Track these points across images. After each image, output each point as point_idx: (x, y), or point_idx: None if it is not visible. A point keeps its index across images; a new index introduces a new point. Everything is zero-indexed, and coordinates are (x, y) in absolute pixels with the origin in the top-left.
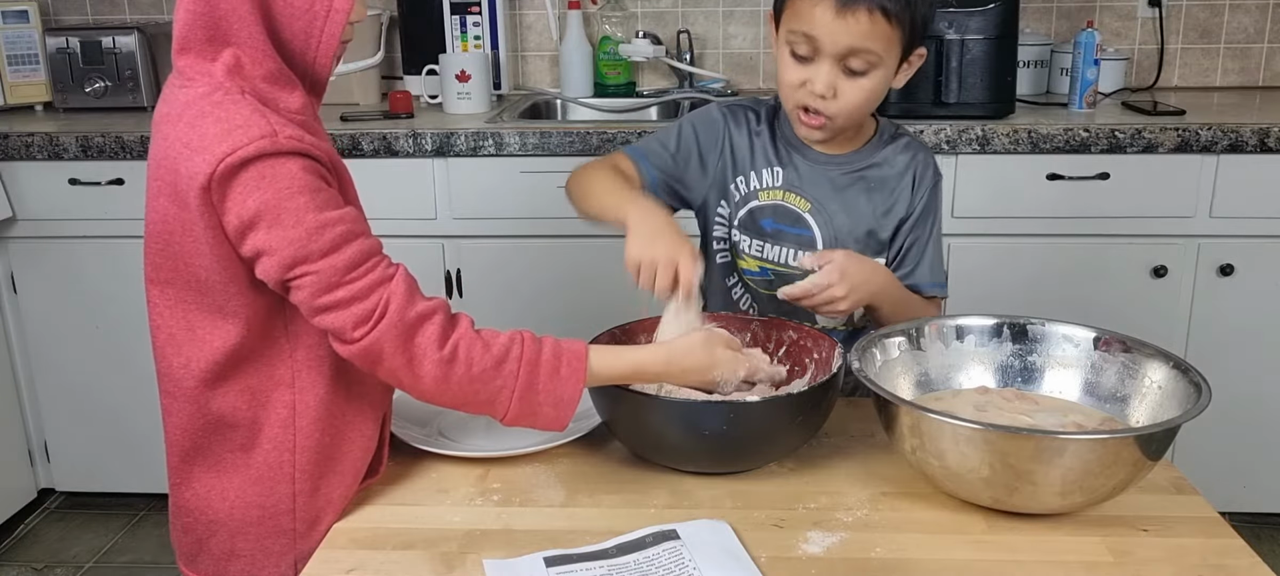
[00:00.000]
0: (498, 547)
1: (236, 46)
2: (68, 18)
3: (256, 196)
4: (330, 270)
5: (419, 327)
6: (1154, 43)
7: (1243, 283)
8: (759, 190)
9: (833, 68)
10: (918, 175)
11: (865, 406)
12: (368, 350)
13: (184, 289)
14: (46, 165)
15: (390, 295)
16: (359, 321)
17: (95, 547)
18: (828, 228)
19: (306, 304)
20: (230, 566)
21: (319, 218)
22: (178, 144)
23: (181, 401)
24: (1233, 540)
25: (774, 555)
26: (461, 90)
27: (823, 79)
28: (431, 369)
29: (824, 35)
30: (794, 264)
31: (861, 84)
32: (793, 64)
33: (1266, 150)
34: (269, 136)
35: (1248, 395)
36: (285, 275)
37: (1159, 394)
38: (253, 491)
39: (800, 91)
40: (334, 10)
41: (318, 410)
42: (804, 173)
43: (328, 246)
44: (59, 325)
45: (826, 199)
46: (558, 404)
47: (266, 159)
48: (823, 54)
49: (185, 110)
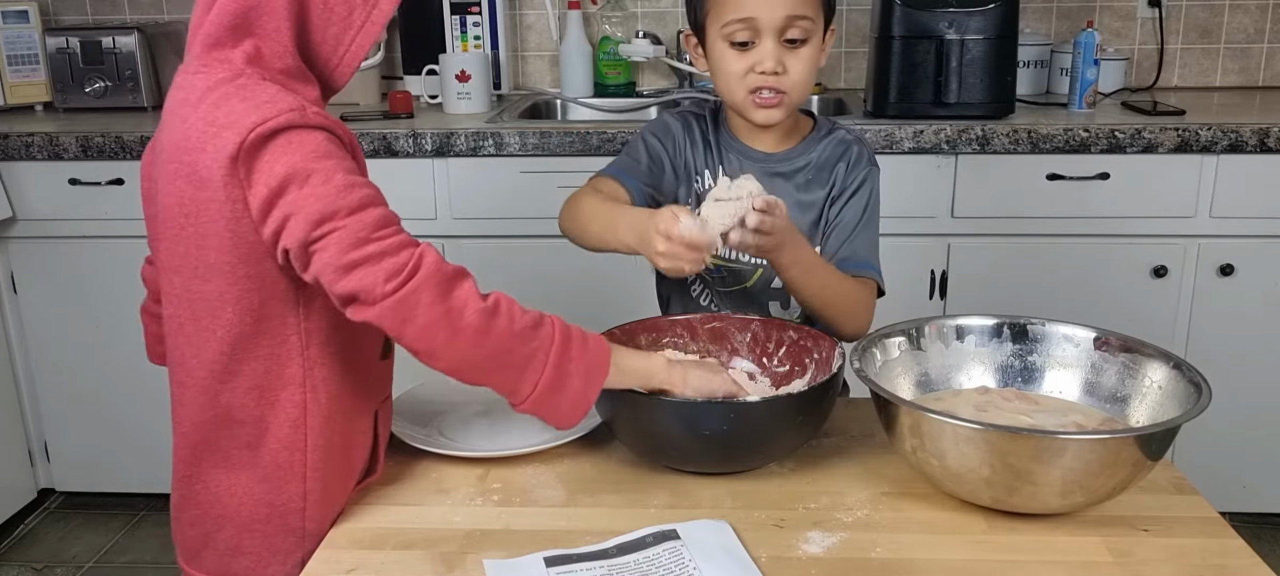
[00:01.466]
0: (498, 547)
1: (258, 38)
2: (68, 18)
3: (284, 161)
4: (359, 225)
5: (458, 281)
6: (1154, 43)
7: (1243, 282)
8: (704, 192)
9: (776, 44)
10: (851, 160)
11: (865, 406)
12: (403, 303)
13: (191, 276)
14: (46, 165)
15: (422, 253)
16: (391, 274)
17: (95, 547)
18: None
19: (333, 264)
20: (235, 563)
21: (347, 178)
22: (200, 124)
23: (192, 392)
24: (1233, 540)
25: (774, 555)
26: (461, 90)
27: (770, 56)
28: (473, 319)
29: (762, 12)
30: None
31: (803, 54)
32: (734, 54)
33: (1266, 150)
34: (298, 110)
35: (1248, 395)
36: (312, 232)
37: (1159, 394)
38: (261, 489)
39: (749, 77)
40: (370, 21)
41: (329, 408)
42: (743, 171)
43: (356, 204)
44: (59, 325)
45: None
46: (588, 375)
47: (295, 130)
48: (764, 32)
49: (207, 94)
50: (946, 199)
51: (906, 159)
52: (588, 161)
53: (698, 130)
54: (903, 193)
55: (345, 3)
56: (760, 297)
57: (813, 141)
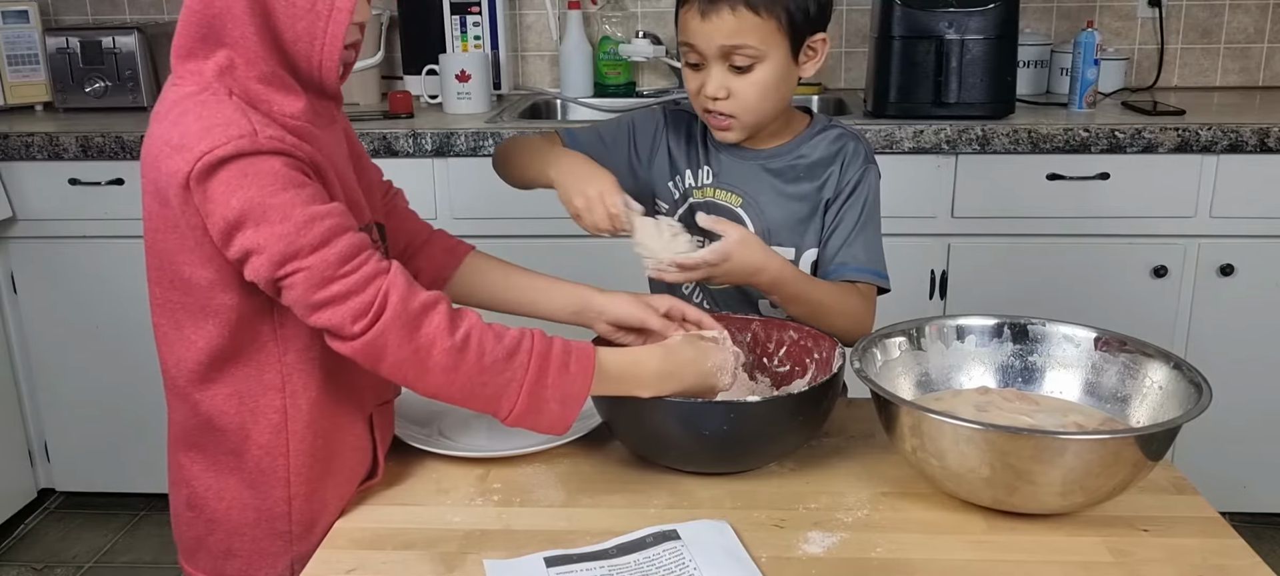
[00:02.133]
0: (498, 548)
1: (230, 48)
2: (68, 18)
3: (240, 195)
4: (322, 264)
5: (424, 317)
6: (1154, 43)
7: (1243, 283)
8: (693, 189)
9: (720, 69)
10: (846, 159)
11: (865, 406)
12: (371, 345)
13: (169, 288)
14: (46, 165)
15: (388, 287)
16: (357, 315)
17: (95, 547)
18: (760, 219)
19: (301, 302)
20: (227, 565)
21: (306, 212)
22: (160, 142)
23: (177, 398)
24: (1233, 540)
25: (774, 555)
26: (461, 90)
27: (713, 82)
28: (441, 358)
29: (699, 41)
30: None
31: (751, 79)
32: (690, 73)
33: (1266, 150)
34: (248, 135)
35: (1248, 395)
36: (276, 272)
37: (1159, 394)
38: (248, 493)
39: (700, 98)
40: (336, 9)
41: (310, 414)
42: (733, 168)
43: (317, 240)
44: (59, 325)
45: (757, 192)
46: (564, 402)
47: (246, 157)
48: (707, 59)
49: (171, 109)
50: (946, 199)
51: (906, 159)
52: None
53: (687, 128)
54: (903, 193)
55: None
56: (753, 292)
57: (804, 138)
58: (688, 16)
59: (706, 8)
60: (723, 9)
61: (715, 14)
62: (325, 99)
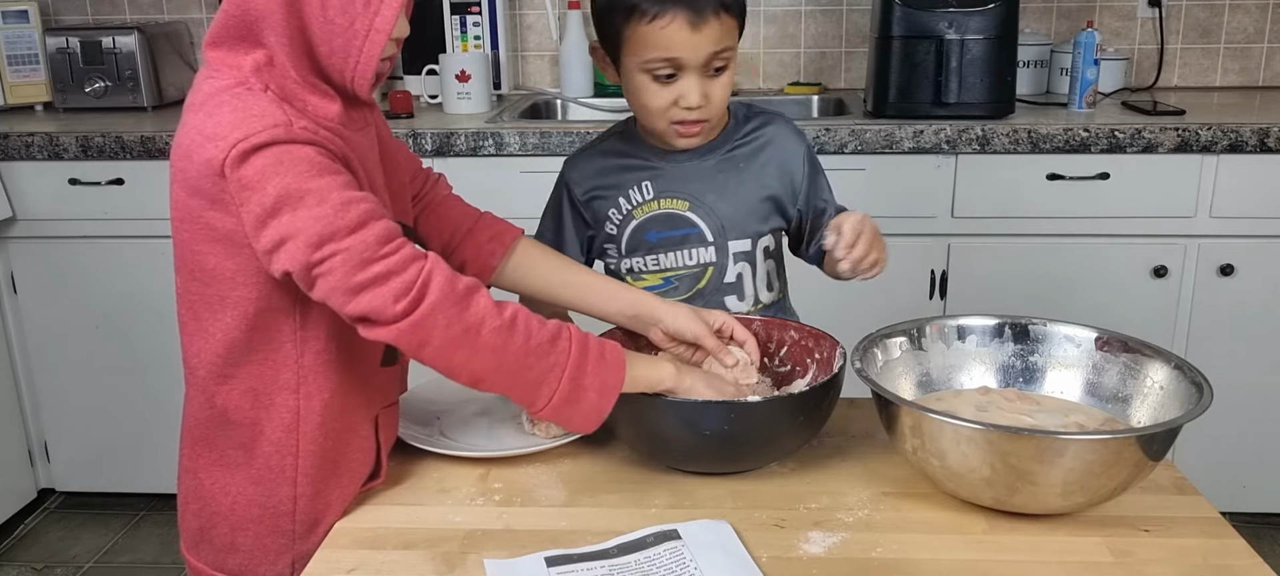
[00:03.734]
0: (499, 547)
1: (268, 49)
2: (68, 17)
3: (276, 182)
4: (361, 245)
5: (472, 297)
6: (1154, 43)
7: (1243, 283)
8: (633, 209)
9: (700, 78)
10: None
11: (866, 406)
12: (418, 326)
13: (190, 279)
14: (46, 165)
15: (431, 268)
16: (399, 294)
17: (95, 547)
18: (711, 216)
19: (340, 287)
20: (229, 559)
21: (343, 195)
22: (194, 132)
23: (195, 389)
24: (1234, 540)
25: (775, 555)
26: (461, 90)
27: (695, 91)
28: (490, 337)
29: (686, 53)
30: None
31: (724, 80)
32: (656, 88)
33: (1266, 150)
34: (283, 125)
35: (1248, 395)
36: (313, 255)
37: (1160, 394)
38: (254, 490)
39: (672, 110)
40: (374, 31)
41: (322, 415)
42: (672, 174)
43: (355, 222)
44: (59, 325)
45: (701, 191)
46: (603, 390)
47: (280, 145)
48: (687, 69)
49: (207, 100)
50: (946, 199)
51: (906, 159)
52: None
53: (605, 155)
54: (903, 193)
55: (345, 14)
56: (714, 298)
57: (734, 127)
58: (667, 33)
59: (697, 20)
60: (710, 18)
61: (705, 25)
62: (359, 105)
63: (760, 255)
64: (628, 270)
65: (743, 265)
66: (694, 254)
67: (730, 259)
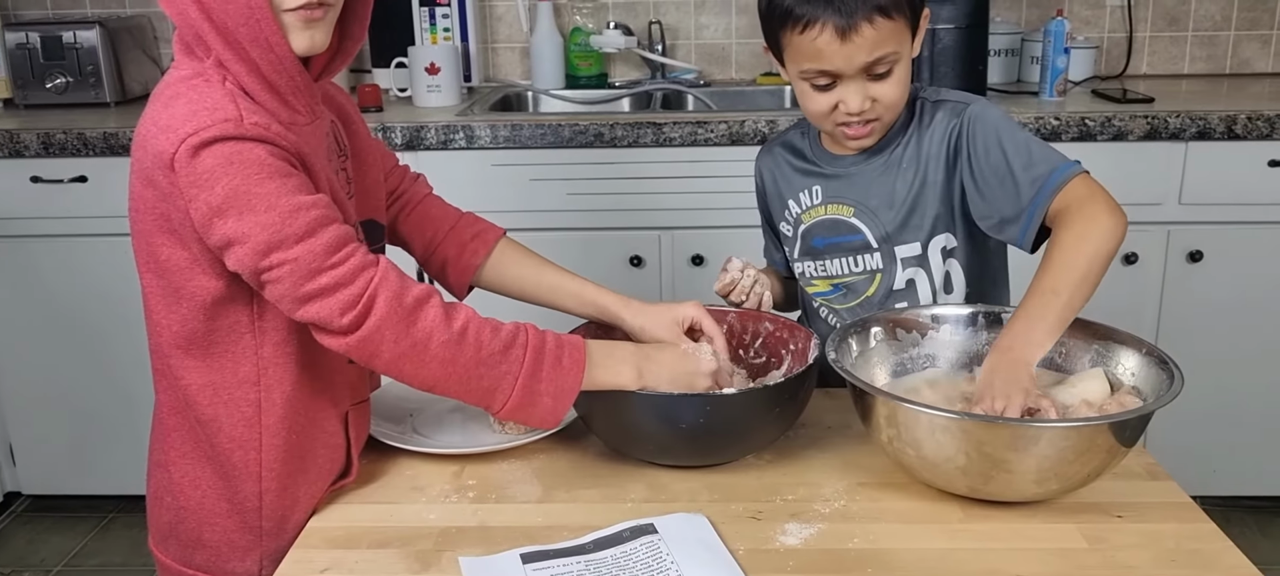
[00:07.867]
0: (474, 545)
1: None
2: (27, 12)
3: (225, 182)
4: (309, 255)
5: (420, 311)
6: (1123, 31)
7: (1212, 269)
8: (802, 214)
9: (860, 84)
10: (956, 129)
11: (842, 397)
12: (366, 340)
13: (147, 270)
14: (7, 163)
15: (378, 280)
16: (346, 307)
17: (64, 550)
18: (875, 223)
19: (288, 296)
20: (196, 554)
21: (292, 201)
22: (150, 122)
23: (161, 379)
24: (1204, 524)
25: (752, 547)
26: (431, 83)
27: (855, 98)
28: (439, 350)
29: (837, 63)
30: None
31: (893, 80)
32: (816, 95)
33: (1234, 137)
34: (234, 120)
35: (1217, 381)
36: (260, 263)
37: (1131, 380)
38: (221, 485)
39: (835, 114)
40: None
41: (284, 409)
42: (839, 179)
43: (303, 230)
44: (22, 326)
45: (866, 196)
46: (557, 396)
47: (230, 142)
48: (845, 77)
49: (165, 89)
50: None
51: None
52: (559, 154)
53: (785, 155)
54: None
55: None
56: (884, 303)
57: (897, 133)
58: (818, 44)
59: (846, 28)
60: (862, 26)
61: (856, 33)
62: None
63: (936, 258)
64: (800, 274)
65: (913, 270)
66: (860, 260)
67: (898, 265)
